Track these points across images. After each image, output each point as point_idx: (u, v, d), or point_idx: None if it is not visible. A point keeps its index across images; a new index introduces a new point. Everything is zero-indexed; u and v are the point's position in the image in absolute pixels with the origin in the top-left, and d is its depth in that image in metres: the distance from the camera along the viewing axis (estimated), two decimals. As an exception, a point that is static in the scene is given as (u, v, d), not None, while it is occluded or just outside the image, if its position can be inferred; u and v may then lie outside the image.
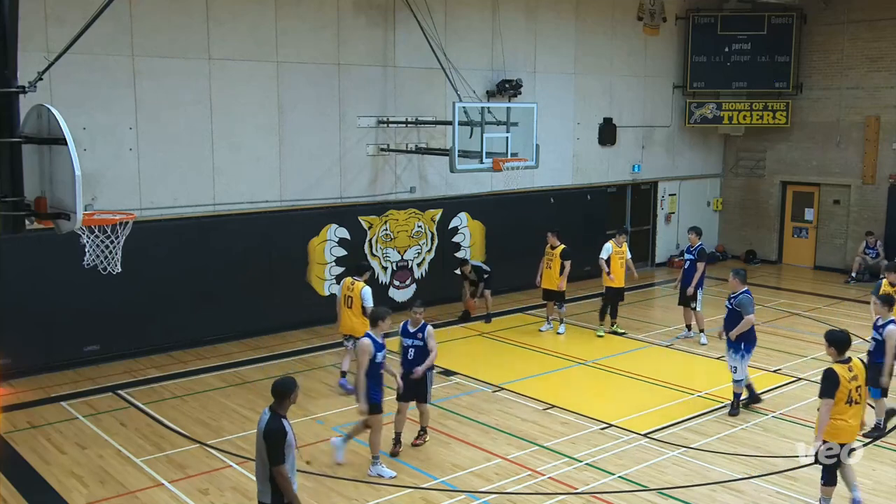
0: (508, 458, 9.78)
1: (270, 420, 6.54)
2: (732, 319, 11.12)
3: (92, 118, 12.74)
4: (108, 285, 11.38)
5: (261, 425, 6.57)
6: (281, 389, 6.70)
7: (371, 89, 15.95)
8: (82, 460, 9.71)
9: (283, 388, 6.70)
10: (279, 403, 6.67)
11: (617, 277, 14.96)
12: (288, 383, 6.74)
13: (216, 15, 13.89)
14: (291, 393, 6.70)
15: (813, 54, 21.25)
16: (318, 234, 15.54)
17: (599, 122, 20.14)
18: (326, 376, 12.97)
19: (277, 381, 6.79)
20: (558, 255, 14.93)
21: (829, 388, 8.03)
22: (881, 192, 20.43)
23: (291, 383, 6.75)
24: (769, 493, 8.95)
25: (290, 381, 6.78)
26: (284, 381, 6.78)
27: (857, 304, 17.89)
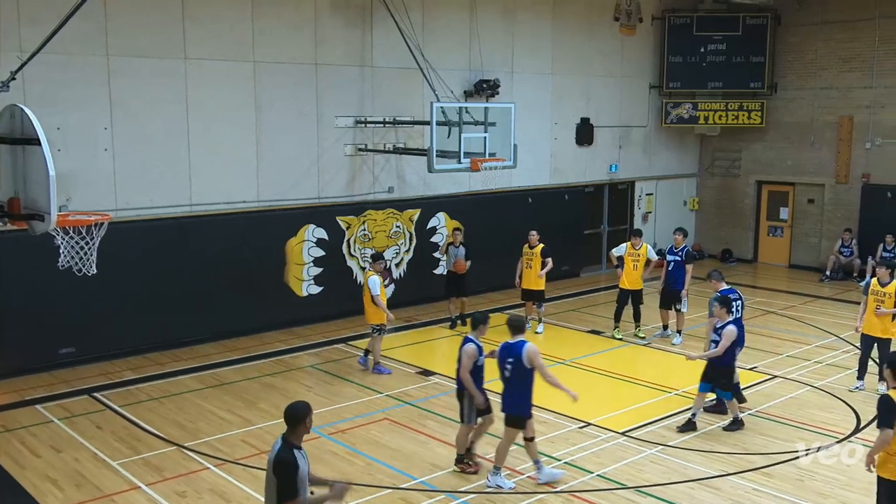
0: (487, 457, 9.78)
1: (281, 450, 5.98)
2: None
3: (66, 118, 12.61)
4: (84, 287, 11.28)
5: (271, 455, 6.07)
6: (294, 414, 6.08)
7: (349, 89, 15.91)
8: (57, 464, 9.61)
9: (295, 412, 6.08)
10: (292, 431, 6.07)
11: (628, 279, 14.93)
12: (301, 408, 6.10)
13: (192, 14, 13.80)
14: (305, 418, 6.09)
15: (787, 55, 21.46)
16: (296, 234, 15.49)
17: (577, 122, 20.22)
18: (305, 377, 12.93)
19: (290, 407, 6.16)
20: (538, 254, 14.96)
21: (888, 416, 7.10)
22: (854, 191, 20.66)
23: (305, 408, 6.11)
24: (746, 489, 9.03)
25: (303, 405, 6.14)
26: (297, 405, 6.14)
27: (832, 301, 18.09)
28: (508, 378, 8.94)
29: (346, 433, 10.52)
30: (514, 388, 8.92)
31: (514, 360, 8.84)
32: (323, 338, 14.93)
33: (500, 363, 9.01)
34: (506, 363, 8.92)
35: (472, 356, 9.13)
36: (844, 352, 14.13)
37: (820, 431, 10.61)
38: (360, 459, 9.75)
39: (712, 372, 10.56)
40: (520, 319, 9.28)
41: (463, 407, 9.40)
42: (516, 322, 9.14)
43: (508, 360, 8.88)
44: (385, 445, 10.15)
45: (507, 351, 8.96)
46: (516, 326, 9.05)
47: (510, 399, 9.00)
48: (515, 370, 8.86)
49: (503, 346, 9.02)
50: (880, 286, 11.82)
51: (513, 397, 8.97)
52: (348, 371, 13.15)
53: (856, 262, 20.09)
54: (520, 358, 8.81)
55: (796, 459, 9.74)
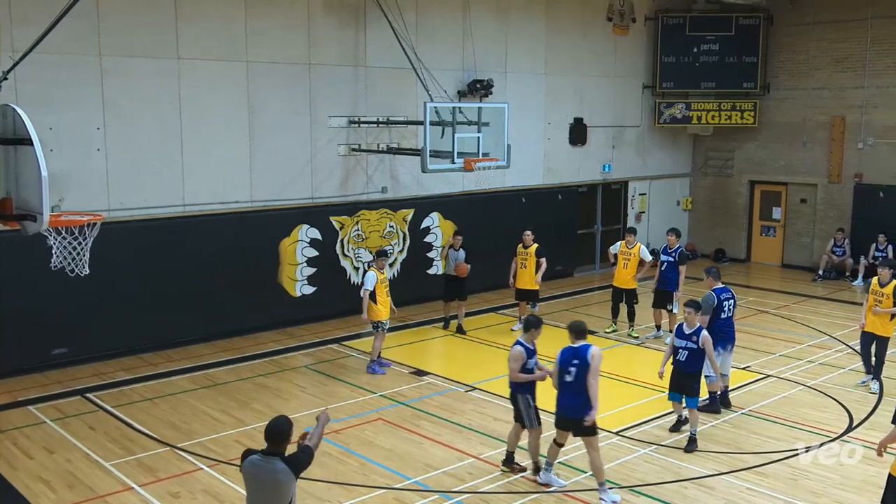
0: (481, 457, 9.80)
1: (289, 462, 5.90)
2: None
3: (59, 118, 12.57)
4: (76, 287, 11.25)
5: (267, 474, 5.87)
6: (283, 431, 5.96)
7: (342, 89, 15.90)
8: (50, 465, 9.58)
9: (283, 429, 5.96)
10: (280, 447, 5.94)
11: (619, 278, 15.02)
12: (286, 423, 6.01)
13: (185, 14, 13.77)
14: (291, 434, 6.01)
15: (780, 55, 21.52)
16: (290, 234, 15.47)
17: (570, 122, 20.24)
18: (299, 377, 12.92)
19: (275, 425, 6.00)
20: (533, 254, 14.97)
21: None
22: (847, 191, 20.73)
23: (289, 423, 6.03)
24: (739, 489, 9.05)
25: (286, 421, 6.05)
26: (282, 422, 6.02)
27: (825, 301, 18.15)
28: (571, 382, 8.70)
29: (339, 433, 10.51)
30: (577, 392, 8.67)
31: (579, 362, 8.66)
32: (316, 338, 14.92)
33: (561, 367, 8.77)
34: (569, 367, 8.71)
35: (518, 359, 8.97)
36: (837, 351, 14.18)
37: (813, 430, 10.64)
38: (354, 460, 9.74)
39: (682, 380, 10.23)
40: (583, 323, 9.08)
41: (520, 412, 9.18)
42: (580, 326, 8.95)
43: (573, 364, 8.68)
44: (379, 446, 10.15)
45: (571, 354, 8.77)
46: (580, 330, 8.89)
47: (573, 402, 8.73)
48: (580, 373, 8.64)
49: (565, 351, 8.81)
50: (880, 286, 11.90)
51: (576, 400, 8.69)
52: (342, 371, 13.15)
53: (848, 262, 20.15)
54: (586, 361, 8.63)
55: (790, 458, 9.76)
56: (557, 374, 8.82)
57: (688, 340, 10.16)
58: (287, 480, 5.89)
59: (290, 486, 5.93)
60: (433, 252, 17.54)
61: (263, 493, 5.95)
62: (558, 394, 8.88)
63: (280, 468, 5.87)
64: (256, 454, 5.99)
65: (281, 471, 5.87)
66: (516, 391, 9.17)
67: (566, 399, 8.79)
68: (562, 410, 8.88)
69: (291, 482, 5.93)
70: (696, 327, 10.17)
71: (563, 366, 8.77)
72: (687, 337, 10.18)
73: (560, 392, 8.85)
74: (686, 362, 10.16)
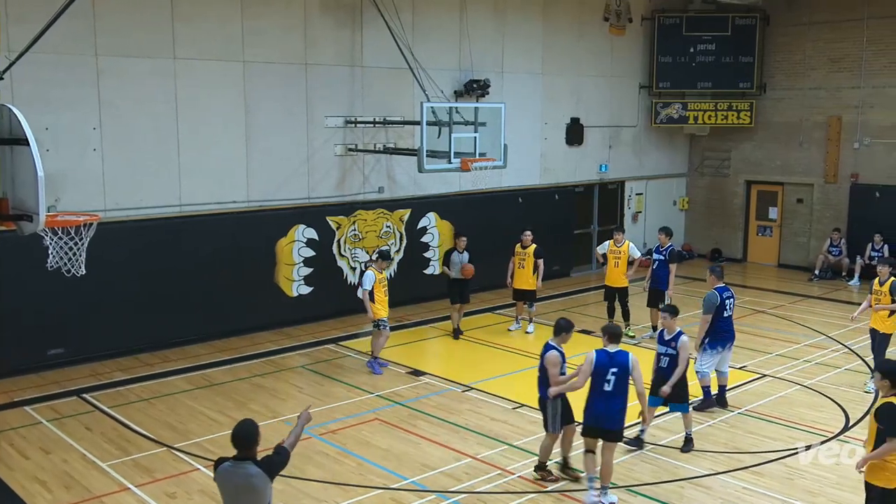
0: (478, 457, 9.80)
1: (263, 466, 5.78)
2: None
3: (55, 118, 12.55)
4: (73, 287, 11.23)
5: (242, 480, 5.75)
6: (250, 434, 5.82)
7: (339, 89, 15.90)
8: (46, 465, 9.57)
9: (251, 432, 5.83)
10: (249, 451, 5.80)
11: (611, 277, 15.08)
12: (253, 426, 5.87)
13: (182, 14, 13.75)
14: (259, 435, 5.86)
15: (776, 55, 21.54)
16: (286, 234, 15.46)
17: (567, 121, 20.25)
18: (295, 378, 12.91)
19: (241, 429, 5.85)
20: (531, 255, 14.97)
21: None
22: (843, 190, 20.76)
23: (256, 426, 5.88)
24: (736, 488, 9.06)
25: (252, 424, 5.91)
26: (248, 426, 5.87)
27: (821, 301, 18.17)
28: (609, 391, 8.42)
29: (336, 433, 10.51)
30: (614, 401, 8.45)
31: (618, 369, 8.39)
32: (313, 338, 14.91)
33: (599, 374, 8.45)
34: (609, 373, 8.41)
35: (556, 364, 8.75)
36: (833, 350, 14.20)
37: (809, 430, 10.65)
38: (351, 460, 9.74)
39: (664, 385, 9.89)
40: (619, 327, 8.98)
41: (546, 416, 9.01)
42: (616, 329, 8.76)
43: (612, 371, 8.40)
44: (376, 446, 10.15)
45: (607, 361, 8.46)
46: (615, 334, 8.66)
47: (609, 410, 8.46)
48: (619, 382, 8.39)
49: (600, 356, 8.50)
50: (879, 285, 11.99)
51: (613, 409, 8.46)
52: (339, 371, 13.14)
53: (844, 262, 20.18)
54: (627, 368, 8.41)
55: (787, 458, 9.77)
56: (593, 381, 8.50)
57: (668, 346, 9.92)
58: (262, 485, 5.79)
59: (267, 490, 5.83)
60: (430, 252, 17.53)
61: (239, 500, 5.84)
62: (592, 401, 8.53)
63: (253, 472, 5.75)
64: (228, 461, 5.86)
65: (255, 475, 5.75)
66: (546, 396, 8.89)
67: (601, 407, 8.48)
68: (594, 419, 8.54)
69: (267, 486, 5.83)
70: (675, 332, 9.90)
71: (601, 373, 8.45)
72: (667, 343, 9.94)
73: (595, 399, 8.51)
74: (668, 369, 9.87)
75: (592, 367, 8.49)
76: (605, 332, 8.73)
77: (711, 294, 11.27)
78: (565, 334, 9.01)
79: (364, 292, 12.72)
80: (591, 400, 8.56)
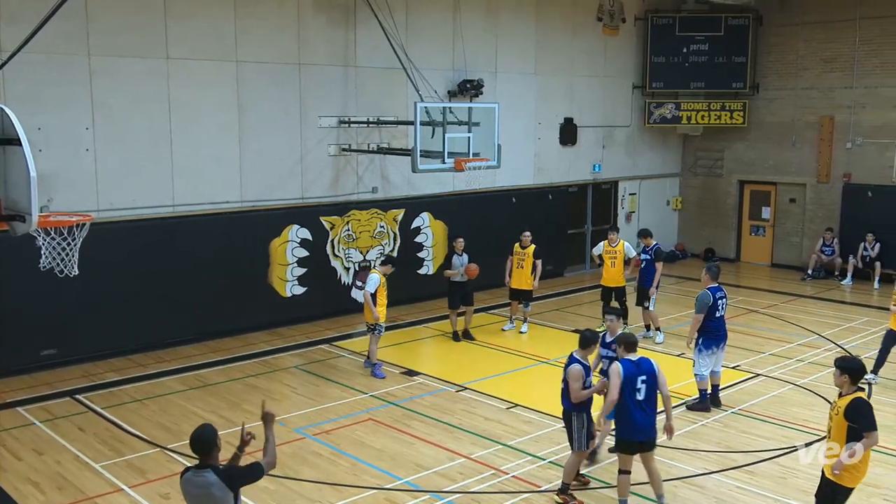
0: (472, 457, 9.80)
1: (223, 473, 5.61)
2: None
3: (48, 118, 12.52)
4: (66, 288, 11.20)
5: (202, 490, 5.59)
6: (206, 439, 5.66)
7: (332, 89, 15.88)
8: (39, 466, 9.54)
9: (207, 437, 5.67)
10: (209, 456, 5.64)
11: (607, 276, 15.12)
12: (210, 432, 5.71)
13: (174, 14, 13.73)
14: (216, 440, 5.69)
15: (769, 55, 21.60)
16: (280, 234, 15.44)
17: (560, 121, 20.27)
18: (289, 378, 12.90)
19: (194, 435, 5.72)
20: (531, 255, 14.99)
21: (872, 418, 6.98)
22: (835, 190, 20.82)
23: (213, 430, 5.72)
24: (729, 487, 9.08)
25: (210, 428, 5.75)
26: (205, 431, 5.72)
27: (814, 300, 18.22)
28: (641, 400, 8.14)
29: (330, 434, 10.50)
30: (648, 410, 8.19)
31: (647, 377, 8.16)
32: (307, 338, 14.90)
33: (629, 384, 8.14)
34: (638, 382, 8.14)
35: (579, 378, 8.47)
36: (826, 350, 14.23)
37: (802, 429, 10.68)
38: (345, 460, 9.73)
39: None
40: (633, 335, 8.75)
41: (572, 432, 8.64)
42: (633, 338, 8.54)
43: (641, 379, 8.15)
44: (370, 446, 10.14)
45: (636, 369, 8.19)
46: (632, 342, 8.43)
47: (644, 421, 8.19)
48: (650, 390, 8.16)
49: (628, 366, 8.21)
50: None
51: (648, 419, 8.20)
52: (332, 372, 13.13)
53: (837, 261, 20.24)
54: (655, 375, 8.20)
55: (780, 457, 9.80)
56: (625, 393, 8.14)
57: (608, 349, 9.61)
58: (221, 494, 5.56)
59: (227, 499, 5.59)
60: (424, 252, 17.53)
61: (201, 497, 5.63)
62: (628, 413, 8.19)
63: (212, 481, 5.55)
64: (191, 469, 5.70)
65: (213, 483, 5.54)
66: (573, 410, 8.61)
67: (639, 418, 8.18)
68: (632, 432, 8.23)
69: (227, 495, 5.59)
70: (617, 335, 9.51)
71: (631, 382, 8.15)
72: (608, 345, 9.67)
73: (632, 411, 8.17)
74: None
75: (622, 378, 8.17)
76: (621, 343, 8.50)
77: (704, 294, 11.29)
78: (593, 346, 8.77)
79: (367, 293, 12.65)
80: (627, 412, 8.19)
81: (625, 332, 8.86)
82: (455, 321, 14.92)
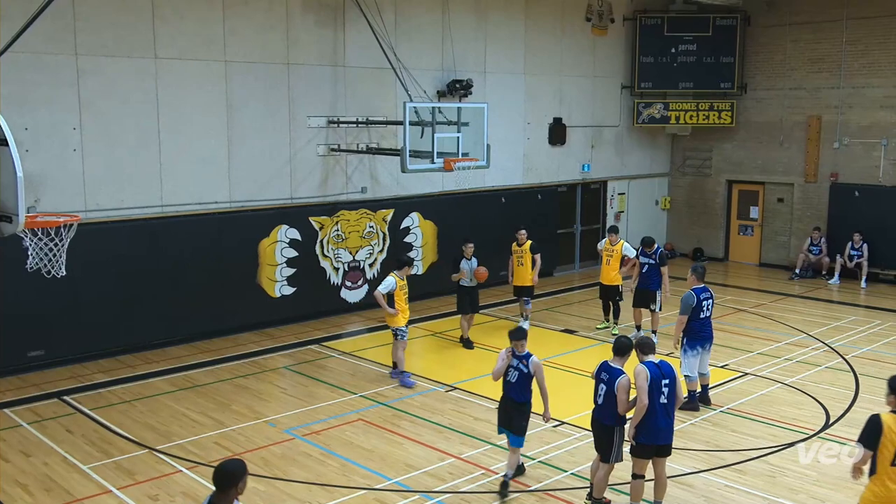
0: (462, 457, 9.80)
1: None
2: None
3: (34, 118, 12.46)
4: (53, 289, 11.16)
5: None
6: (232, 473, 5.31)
7: (321, 89, 15.86)
8: (27, 468, 9.49)
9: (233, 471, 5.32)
10: (224, 496, 5.27)
11: (603, 275, 15.28)
12: (238, 467, 5.36)
13: (162, 13, 13.68)
14: (241, 479, 5.32)
15: (757, 55, 21.69)
16: (269, 235, 15.41)
17: (549, 121, 20.30)
18: (278, 378, 12.87)
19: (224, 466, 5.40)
20: (528, 250, 15.05)
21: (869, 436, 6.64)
22: (823, 190, 20.93)
23: (241, 467, 5.37)
24: (718, 486, 9.11)
25: (239, 464, 5.41)
26: (234, 465, 5.40)
27: (801, 299, 18.31)
28: (665, 403, 8.05)
29: (319, 434, 10.49)
30: (670, 413, 8.14)
31: (670, 380, 8.07)
32: (296, 339, 14.87)
33: (655, 387, 8.02)
34: (662, 385, 8.04)
35: (628, 390, 8.16)
36: (814, 349, 14.31)
37: (790, 428, 10.73)
38: (335, 461, 9.72)
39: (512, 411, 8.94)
40: (651, 339, 8.57)
41: (612, 445, 8.35)
42: (650, 341, 8.43)
43: (665, 383, 8.04)
44: (359, 446, 10.13)
45: (660, 372, 8.07)
46: (650, 344, 8.34)
47: (667, 424, 8.13)
48: (672, 391, 8.08)
49: (653, 369, 8.07)
50: None
51: (670, 422, 8.15)
52: (322, 372, 13.11)
53: (825, 261, 20.33)
54: (675, 376, 8.15)
55: (769, 455, 9.84)
56: (649, 396, 7.99)
57: (519, 361, 8.91)
58: None
59: None
60: (413, 252, 17.51)
61: None
62: (651, 417, 8.04)
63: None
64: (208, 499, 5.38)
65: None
66: (616, 424, 8.32)
67: (662, 422, 8.09)
68: (654, 436, 8.12)
69: None
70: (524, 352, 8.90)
71: (656, 386, 8.03)
72: (519, 357, 8.93)
73: (656, 415, 8.05)
74: (516, 385, 8.88)
75: (648, 383, 8.03)
76: (639, 347, 8.33)
77: (688, 294, 11.30)
78: (629, 354, 8.45)
79: (378, 293, 12.35)
80: (651, 416, 8.04)
81: (643, 337, 8.63)
82: (465, 326, 14.63)
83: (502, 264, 15.71)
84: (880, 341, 14.77)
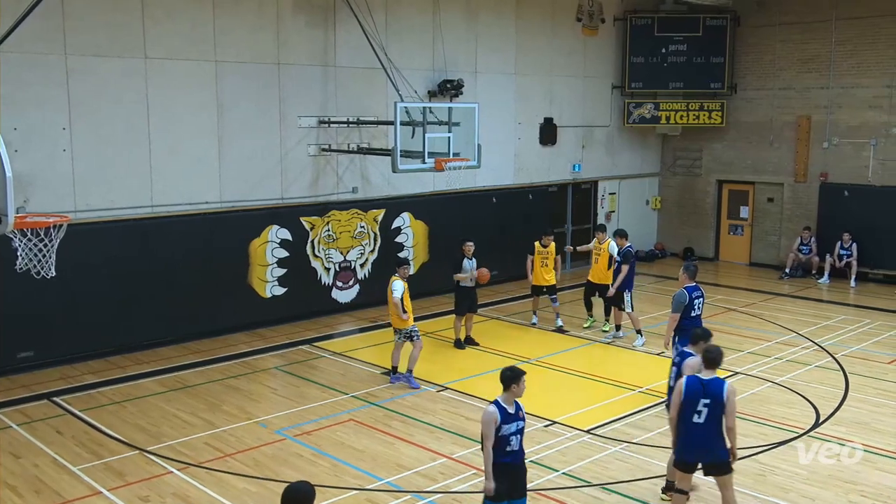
0: (454, 457, 9.80)
1: None
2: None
3: (23, 118, 12.39)
4: (43, 290, 11.11)
5: None
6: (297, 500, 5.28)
7: (312, 89, 15.83)
8: (16, 470, 9.44)
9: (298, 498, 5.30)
10: None
11: (592, 273, 15.50)
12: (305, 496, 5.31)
13: (153, 13, 13.63)
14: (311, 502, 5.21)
15: (746, 55, 21.76)
16: (260, 235, 15.38)
17: (540, 121, 20.32)
18: (269, 379, 12.85)
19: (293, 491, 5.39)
20: (553, 252, 15.49)
21: None
22: (812, 189, 21.01)
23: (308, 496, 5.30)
24: (710, 485, 9.08)
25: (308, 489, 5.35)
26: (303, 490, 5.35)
27: (791, 299, 18.37)
28: (699, 424, 7.61)
29: (311, 435, 10.47)
30: (707, 434, 7.63)
31: (711, 401, 7.56)
32: (287, 339, 14.84)
33: (689, 403, 7.64)
34: (700, 404, 7.60)
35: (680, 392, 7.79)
36: (804, 348, 14.36)
37: (781, 427, 10.77)
38: (326, 461, 9.71)
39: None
40: (719, 350, 7.85)
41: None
42: (716, 354, 7.76)
43: (704, 402, 7.58)
44: (351, 447, 10.12)
45: (699, 390, 7.62)
46: (714, 359, 7.72)
47: (704, 444, 7.68)
48: (711, 414, 7.59)
49: (692, 383, 7.68)
50: None
51: (708, 443, 7.68)
52: (313, 372, 13.09)
53: (814, 260, 20.42)
54: (721, 400, 7.57)
55: (759, 454, 9.87)
56: (683, 410, 7.69)
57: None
58: None
59: None
60: (404, 252, 17.50)
61: None
62: (684, 434, 7.76)
63: None
64: None
65: None
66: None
67: (693, 441, 7.72)
68: (690, 454, 7.80)
69: None
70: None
71: (691, 402, 7.63)
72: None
73: (686, 433, 7.73)
74: None
75: (682, 397, 7.68)
76: (704, 356, 7.82)
77: (680, 293, 11.32)
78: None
79: (395, 299, 12.21)
80: (684, 430, 7.74)
81: (713, 346, 8.00)
82: (459, 328, 14.59)
83: (493, 264, 15.66)
84: (869, 340, 14.84)
